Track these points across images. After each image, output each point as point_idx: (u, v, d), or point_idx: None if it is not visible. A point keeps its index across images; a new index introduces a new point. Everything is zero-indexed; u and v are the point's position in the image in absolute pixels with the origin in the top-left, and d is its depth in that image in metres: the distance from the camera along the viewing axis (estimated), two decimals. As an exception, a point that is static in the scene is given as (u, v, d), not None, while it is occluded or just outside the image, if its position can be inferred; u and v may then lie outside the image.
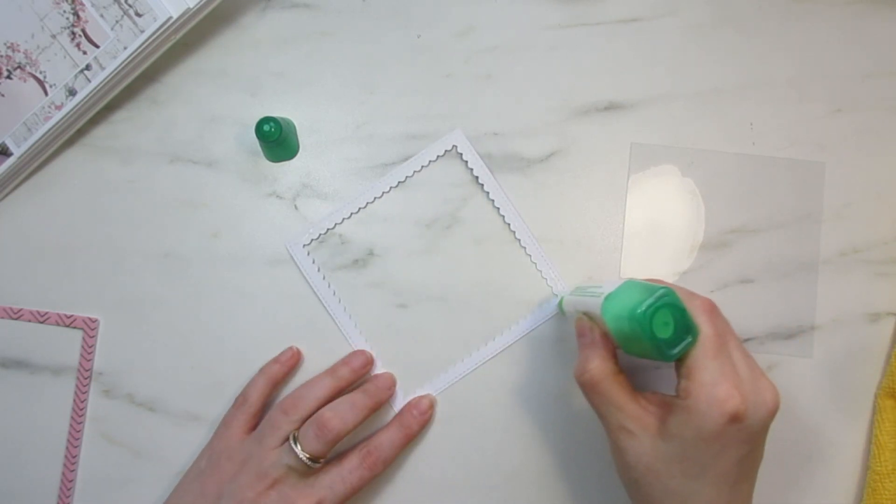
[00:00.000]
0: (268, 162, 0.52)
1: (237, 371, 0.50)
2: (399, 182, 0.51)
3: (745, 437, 0.38)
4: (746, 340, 0.50)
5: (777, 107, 0.51)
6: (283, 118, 0.50)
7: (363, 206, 0.51)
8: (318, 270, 0.50)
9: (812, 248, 0.50)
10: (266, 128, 0.48)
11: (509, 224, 0.50)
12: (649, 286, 0.39)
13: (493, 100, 0.51)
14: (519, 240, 0.50)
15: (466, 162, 0.51)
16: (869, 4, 0.52)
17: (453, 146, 0.51)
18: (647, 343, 0.38)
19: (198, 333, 0.51)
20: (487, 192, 0.50)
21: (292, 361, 0.50)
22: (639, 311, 0.37)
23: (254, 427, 0.48)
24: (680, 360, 0.39)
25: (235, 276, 0.51)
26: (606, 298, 0.40)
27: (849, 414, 0.49)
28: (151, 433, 0.50)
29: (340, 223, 0.51)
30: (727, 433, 0.38)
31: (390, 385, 0.49)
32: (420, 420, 0.48)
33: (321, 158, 0.52)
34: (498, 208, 0.50)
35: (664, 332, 0.38)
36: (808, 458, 0.49)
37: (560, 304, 0.48)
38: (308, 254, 0.51)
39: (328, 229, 0.51)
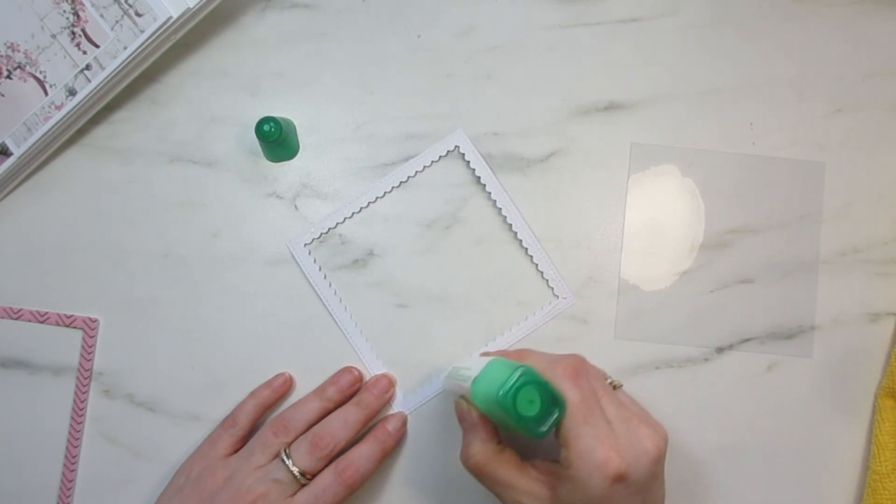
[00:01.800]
0: (268, 162, 0.52)
1: (237, 371, 0.50)
2: (401, 182, 0.51)
3: (635, 490, 0.39)
4: (746, 340, 0.50)
5: (777, 107, 0.51)
6: (283, 118, 0.50)
7: (365, 205, 0.51)
8: (320, 270, 0.50)
9: (812, 248, 0.50)
10: (266, 128, 0.48)
11: (511, 225, 0.50)
12: (510, 365, 0.39)
13: (493, 100, 0.51)
14: (521, 240, 0.50)
15: (468, 162, 0.51)
16: (869, 4, 0.52)
17: (455, 146, 0.51)
18: (516, 423, 0.38)
19: (198, 333, 0.51)
20: (489, 193, 0.50)
21: (283, 388, 0.49)
22: (500, 393, 0.38)
23: (238, 449, 0.47)
24: (556, 430, 0.39)
25: (235, 276, 0.51)
26: (473, 382, 0.41)
27: (849, 414, 0.49)
28: (151, 433, 0.50)
29: (342, 222, 0.51)
30: (615, 493, 0.38)
31: (386, 390, 0.49)
32: (394, 437, 0.48)
33: (321, 158, 0.52)
34: (500, 209, 0.50)
35: (530, 411, 0.38)
36: (808, 458, 0.49)
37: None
38: (309, 253, 0.51)
39: (329, 228, 0.51)
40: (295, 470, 0.44)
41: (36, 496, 0.50)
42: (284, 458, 0.45)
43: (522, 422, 0.38)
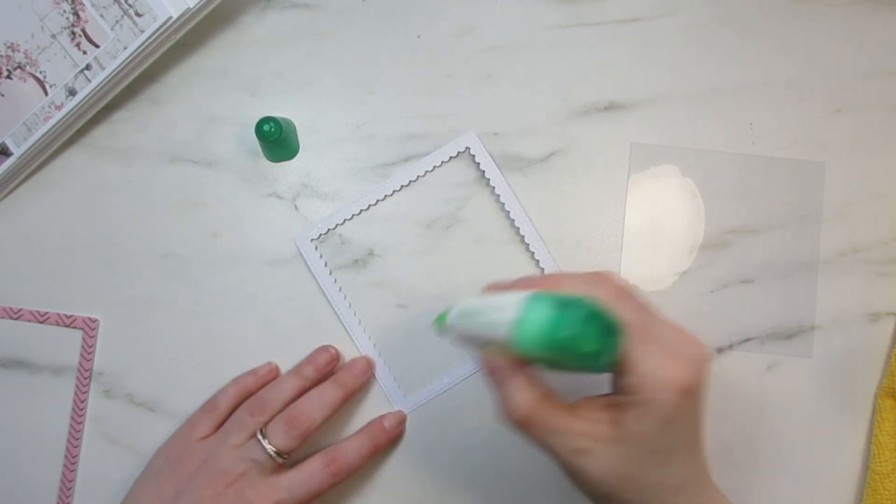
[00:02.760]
0: (268, 162, 0.52)
1: (237, 371, 0.50)
2: (410, 181, 0.51)
3: (700, 401, 0.37)
4: (746, 340, 0.50)
5: (777, 107, 0.51)
6: (283, 118, 0.50)
7: (373, 203, 0.51)
8: (325, 265, 0.50)
9: (812, 248, 0.50)
10: (266, 128, 0.48)
11: (519, 228, 0.50)
12: (560, 299, 0.34)
13: (493, 100, 0.51)
14: (528, 243, 0.50)
15: (479, 164, 0.51)
16: (869, 4, 0.52)
17: (466, 148, 0.51)
18: (578, 363, 0.34)
19: (198, 333, 0.51)
20: (498, 196, 0.50)
21: (268, 377, 0.49)
22: (564, 334, 0.33)
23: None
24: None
25: (235, 276, 0.51)
26: (519, 326, 0.35)
27: (849, 414, 0.49)
28: (151, 433, 0.50)
29: (350, 219, 0.51)
30: (686, 407, 0.36)
31: (365, 370, 0.49)
32: (388, 434, 0.48)
33: (321, 158, 0.52)
34: (508, 211, 0.50)
35: (593, 346, 0.34)
36: (808, 458, 0.49)
37: (440, 322, 0.40)
38: (316, 248, 0.50)
39: (337, 224, 0.51)
40: (271, 449, 0.44)
41: (36, 496, 0.50)
42: (260, 437, 0.44)
43: (585, 359, 0.34)
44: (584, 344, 0.34)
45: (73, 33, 0.48)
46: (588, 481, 0.37)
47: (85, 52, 0.48)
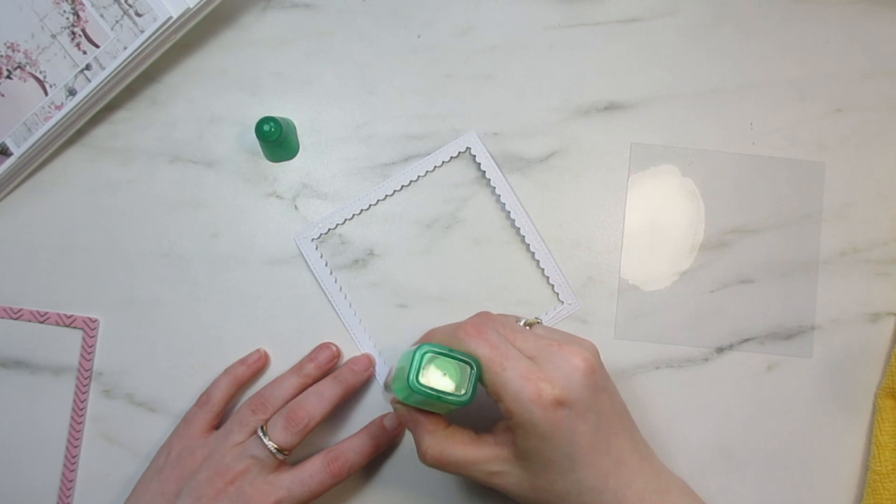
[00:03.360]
0: (268, 162, 0.52)
1: (237, 371, 0.50)
2: (411, 181, 0.51)
3: (583, 409, 0.38)
4: (746, 340, 0.50)
5: (777, 107, 0.51)
6: (283, 118, 0.50)
7: (373, 203, 0.51)
8: (326, 265, 0.50)
9: (812, 248, 0.50)
10: (266, 128, 0.48)
11: (519, 228, 0.50)
12: (411, 350, 0.39)
13: (493, 100, 0.51)
14: (528, 244, 0.50)
15: (479, 164, 0.51)
16: (869, 4, 0.52)
17: (467, 148, 0.51)
18: (441, 401, 0.38)
19: (198, 333, 0.51)
20: (498, 196, 0.50)
21: (258, 364, 0.49)
22: (410, 380, 0.38)
23: (215, 427, 0.48)
24: (487, 391, 0.39)
25: (235, 276, 0.51)
26: (392, 383, 0.41)
27: (849, 414, 0.49)
28: (151, 433, 0.50)
29: (350, 219, 0.51)
30: (563, 420, 0.38)
31: (365, 367, 0.49)
32: (388, 434, 0.48)
33: (321, 158, 0.52)
34: (508, 212, 0.50)
35: (446, 384, 0.38)
36: (808, 458, 0.49)
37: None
38: (316, 248, 0.50)
39: (337, 224, 0.51)
40: (272, 446, 0.44)
41: (36, 496, 0.50)
42: (261, 434, 0.44)
43: (444, 397, 0.38)
44: (436, 384, 0.38)
45: (73, 33, 0.48)
46: (512, 496, 0.41)
47: (85, 52, 0.48)
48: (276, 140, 0.48)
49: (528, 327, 0.42)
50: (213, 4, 0.48)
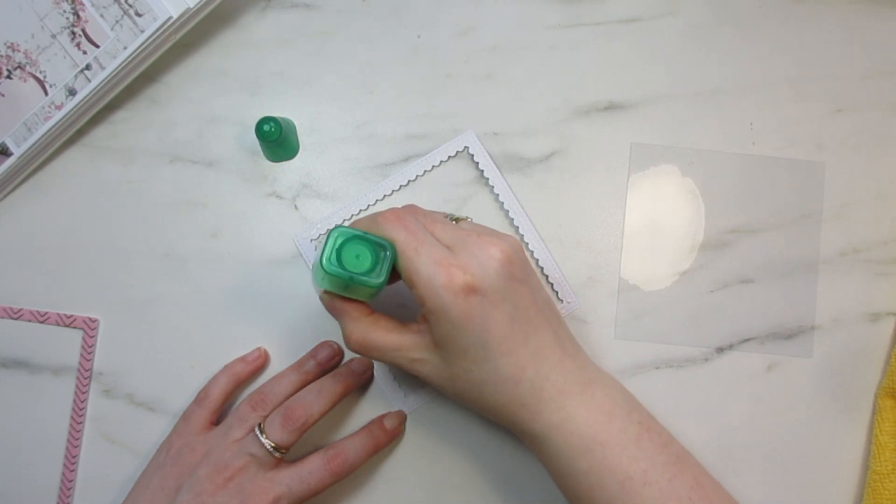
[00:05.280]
0: (268, 162, 0.52)
1: (237, 371, 0.50)
2: (410, 181, 0.51)
3: (498, 299, 0.39)
4: (746, 340, 0.50)
5: (777, 107, 0.51)
6: (283, 118, 0.50)
7: (373, 203, 0.51)
8: None
9: (812, 248, 0.50)
10: (266, 128, 0.48)
11: (518, 227, 0.50)
12: (338, 234, 0.39)
13: (493, 100, 0.51)
14: (527, 243, 0.50)
15: (477, 164, 0.51)
16: (869, 4, 0.52)
17: (465, 147, 0.51)
18: (356, 283, 0.39)
19: (198, 333, 0.51)
20: (498, 195, 0.50)
21: (258, 362, 0.49)
22: (324, 262, 0.38)
23: (214, 423, 0.48)
24: (402, 275, 0.40)
25: (235, 276, 0.51)
26: (312, 272, 0.41)
27: (849, 414, 0.49)
28: (151, 433, 0.50)
29: (350, 219, 0.51)
30: (476, 307, 0.38)
31: (365, 368, 0.49)
32: (389, 434, 0.48)
33: (321, 158, 0.52)
34: (508, 210, 0.50)
35: (360, 266, 0.39)
36: (808, 458, 0.49)
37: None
38: (315, 248, 0.50)
39: (336, 225, 0.51)
40: (268, 444, 0.44)
41: (36, 496, 0.50)
42: (258, 432, 0.44)
43: (359, 280, 0.39)
44: (351, 265, 0.39)
45: (73, 33, 0.48)
46: (434, 386, 0.42)
47: (85, 52, 0.48)
48: (276, 140, 0.48)
49: (454, 221, 0.42)
50: (213, 4, 0.48)
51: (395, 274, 0.40)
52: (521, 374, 0.40)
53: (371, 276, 0.39)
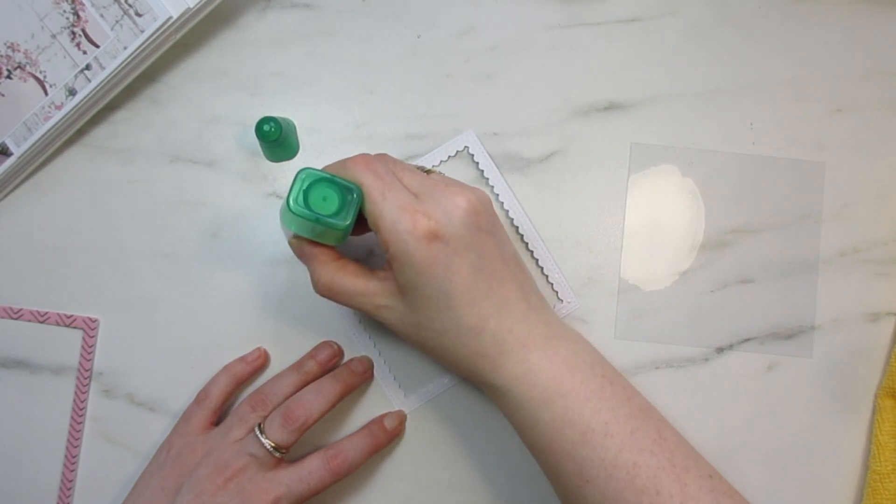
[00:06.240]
0: (268, 162, 0.52)
1: (237, 371, 0.50)
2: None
3: (462, 247, 0.39)
4: (746, 340, 0.50)
5: (777, 107, 0.51)
6: (283, 118, 0.50)
7: None
8: None
9: (812, 248, 0.50)
10: (266, 128, 0.48)
11: (518, 227, 0.50)
12: (305, 177, 0.40)
13: (492, 100, 0.51)
14: (527, 243, 0.50)
15: (477, 164, 0.51)
16: (869, 4, 0.52)
17: (465, 147, 0.51)
18: (323, 227, 0.39)
19: (198, 333, 0.51)
20: (497, 195, 0.50)
21: (258, 362, 0.49)
22: (290, 203, 0.39)
23: (214, 423, 0.48)
24: (367, 220, 0.40)
25: (235, 276, 0.51)
26: (280, 215, 0.41)
27: (849, 414, 0.49)
28: (151, 433, 0.50)
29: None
30: (439, 254, 0.38)
31: (365, 369, 0.49)
32: (389, 434, 0.48)
33: (321, 158, 0.52)
34: (507, 210, 0.50)
35: (327, 208, 0.39)
36: (808, 458, 0.49)
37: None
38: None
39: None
40: (268, 444, 0.44)
41: (36, 496, 0.50)
42: (258, 432, 0.44)
43: (325, 222, 0.39)
44: (317, 207, 0.39)
45: (73, 33, 0.48)
46: (399, 333, 0.42)
47: (85, 52, 0.48)
48: (276, 140, 0.48)
49: (426, 173, 0.42)
50: (213, 4, 0.48)
51: (365, 224, 0.41)
52: (484, 324, 0.40)
53: (338, 219, 0.39)
